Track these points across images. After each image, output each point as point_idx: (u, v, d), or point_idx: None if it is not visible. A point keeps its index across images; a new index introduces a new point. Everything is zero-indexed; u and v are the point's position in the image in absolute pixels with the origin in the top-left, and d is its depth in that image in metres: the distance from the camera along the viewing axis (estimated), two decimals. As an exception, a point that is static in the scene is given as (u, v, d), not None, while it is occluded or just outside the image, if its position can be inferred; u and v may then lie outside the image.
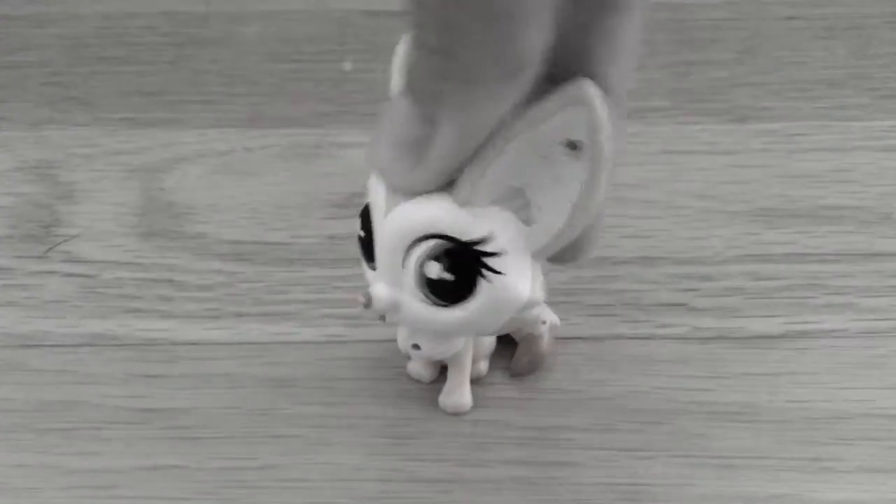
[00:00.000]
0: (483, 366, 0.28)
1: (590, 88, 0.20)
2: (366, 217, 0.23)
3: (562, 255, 0.23)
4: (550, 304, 0.28)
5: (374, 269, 0.24)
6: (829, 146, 0.36)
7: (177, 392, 0.28)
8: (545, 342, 0.28)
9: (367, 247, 0.24)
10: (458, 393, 0.27)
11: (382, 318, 0.24)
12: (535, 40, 0.19)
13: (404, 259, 0.22)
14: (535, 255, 0.23)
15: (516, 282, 0.22)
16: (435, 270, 0.22)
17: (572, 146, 0.21)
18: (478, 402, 0.27)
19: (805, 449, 0.26)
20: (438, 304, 0.22)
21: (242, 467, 0.26)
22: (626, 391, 0.28)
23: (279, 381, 0.28)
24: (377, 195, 0.23)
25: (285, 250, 0.32)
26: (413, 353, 0.26)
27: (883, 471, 0.25)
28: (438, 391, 0.27)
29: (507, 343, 0.28)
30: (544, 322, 0.28)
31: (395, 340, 0.27)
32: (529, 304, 0.23)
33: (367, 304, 0.23)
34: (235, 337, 0.30)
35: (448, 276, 0.22)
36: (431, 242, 0.22)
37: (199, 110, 0.38)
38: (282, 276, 0.31)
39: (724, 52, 0.41)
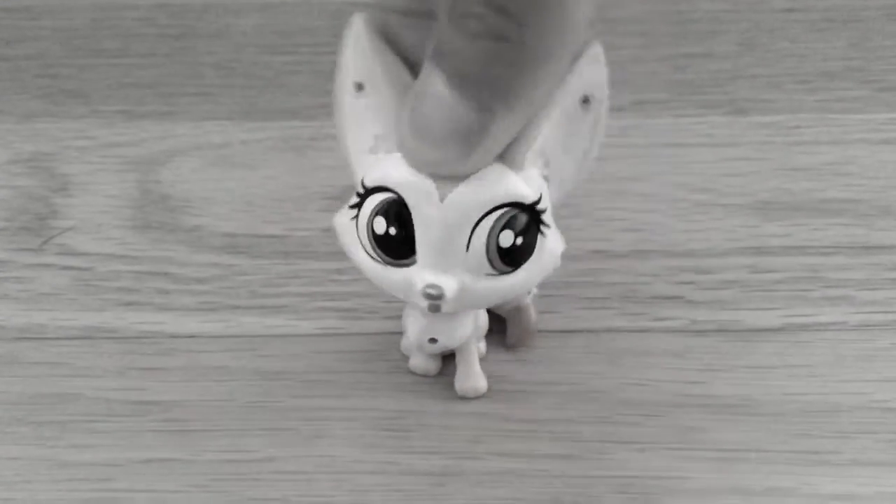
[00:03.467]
0: (482, 346, 0.28)
1: (601, 48, 0.22)
2: (394, 213, 0.22)
3: None
4: (546, 296, 0.28)
5: (407, 264, 0.23)
6: (828, 139, 0.36)
7: (172, 385, 0.28)
8: (532, 312, 0.28)
9: (398, 244, 0.23)
10: (474, 377, 0.27)
11: (437, 308, 0.23)
12: (587, 8, 0.19)
13: (470, 237, 0.22)
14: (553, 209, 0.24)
15: (557, 234, 0.23)
16: (509, 238, 0.22)
17: (585, 100, 0.23)
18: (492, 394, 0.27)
19: (802, 442, 0.26)
20: (504, 272, 0.23)
21: (237, 460, 0.26)
22: (623, 384, 0.27)
23: (275, 374, 0.28)
24: (414, 185, 0.22)
25: (281, 243, 0.32)
26: (428, 347, 0.26)
27: (880, 464, 0.25)
28: (434, 383, 0.27)
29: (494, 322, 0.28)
30: (529, 292, 0.27)
31: (390, 333, 0.27)
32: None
33: (439, 299, 0.23)
34: (231, 330, 0.29)
35: (520, 241, 0.22)
36: (498, 213, 0.22)
37: (195, 102, 0.38)
38: (278, 269, 0.31)
39: (724, 44, 0.41)
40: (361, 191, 0.23)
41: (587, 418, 0.27)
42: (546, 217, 0.23)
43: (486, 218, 0.22)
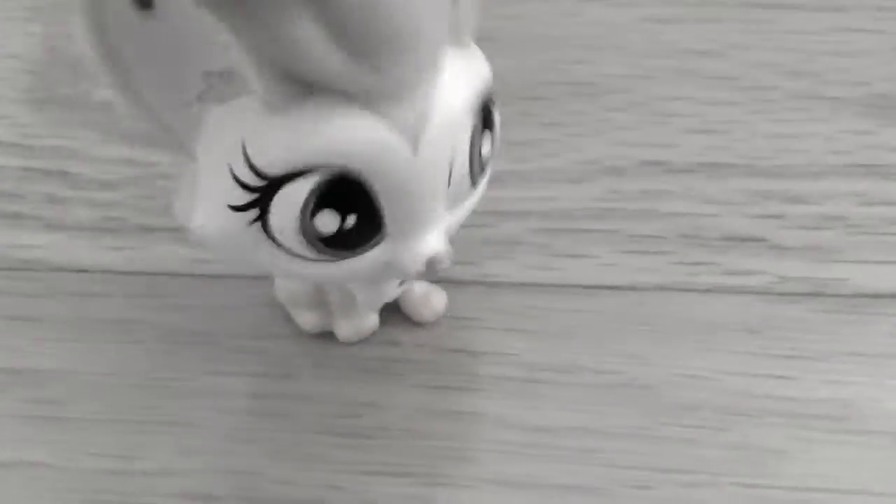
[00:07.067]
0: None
1: None
2: (347, 198, 0.14)
3: None
4: (562, 231, 0.20)
5: (372, 247, 0.15)
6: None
7: (51, 346, 0.20)
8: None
9: (359, 233, 0.15)
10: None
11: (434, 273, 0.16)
12: None
13: (450, 174, 0.15)
14: None
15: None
16: (489, 141, 0.15)
17: None
18: (476, 390, 0.19)
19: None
20: (482, 178, 0.16)
21: (126, 470, 0.18)
22: (674, 376, 0.19)
23: (192, 337, 0.20)
24: (372, 147, 0.13)
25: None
26: (394, 292, 0.19)
27: None
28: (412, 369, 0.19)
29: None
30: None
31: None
32: None
33: (439, 265, 0.15)
34: (138, 263, 0.22)
35: (493, 137, 0.16)
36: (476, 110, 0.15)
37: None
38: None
39: None
40: (257, 181, 0.14)
41: (618, 428, 0.19)
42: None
43: (461, 140, 0.15)
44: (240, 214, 0.14)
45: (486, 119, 0.15)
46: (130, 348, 0.20)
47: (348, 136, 0.13)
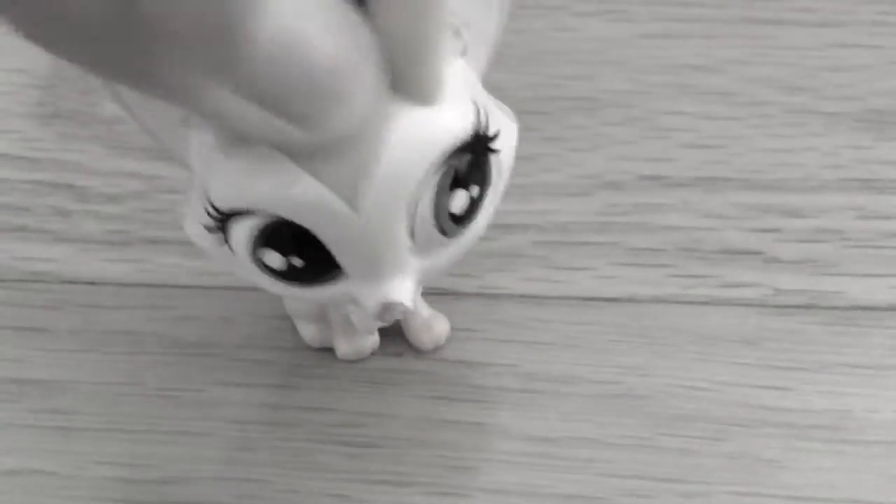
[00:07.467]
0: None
1: None
2: (289, 241, 0.15)
3: None
4: (560, 244, 0.20)
5: (334, 279, 0.15)
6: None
7: (59, 357, 0.21)
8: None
9: (310, 271, 0.15)
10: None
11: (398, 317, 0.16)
12: None
13: (412, 226, 0.15)
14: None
15: (502, 118, 0.16)
16: (463, 199, 0.15)
17: None
18: (476, 401, 0.20)
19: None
20: (464, 229, 0.16)
21: (134, 479, 0.19)
22: (671, 386, 0.20)
23: (196, 347, 0.21)
24: (301, 205, 0.14)
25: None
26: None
27: None
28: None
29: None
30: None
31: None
32: None
33: (399, 311, 0.16)
34: (145, 275, 0.22)
35: (476, 191, 0.15)
36: (435, 179, 0.14)
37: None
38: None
39: None
40: (213, 211, 0.15)
41: (616, 438, 0.19)
42: (492, 126, 0.15)
43: (422, 198, 0.14)
44: (212, 232, 0.15)
45: (473, 175, 0.15)
46: (138, 359, 0.21)
47: (279, 192, 0.14)
